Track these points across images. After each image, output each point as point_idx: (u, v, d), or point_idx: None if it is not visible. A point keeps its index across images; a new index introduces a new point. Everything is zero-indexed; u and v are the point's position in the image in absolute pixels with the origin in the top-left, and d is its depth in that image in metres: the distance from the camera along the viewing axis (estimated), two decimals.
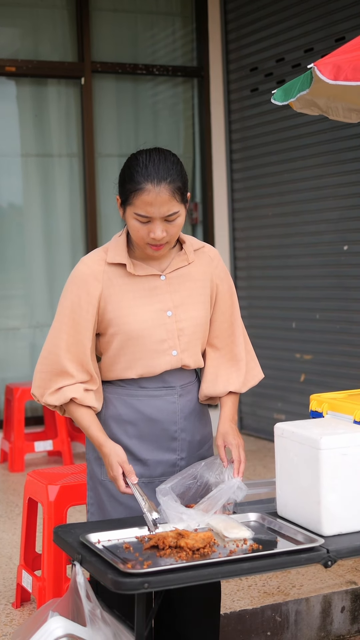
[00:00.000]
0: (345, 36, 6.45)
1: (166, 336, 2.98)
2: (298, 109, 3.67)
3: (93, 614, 2.62)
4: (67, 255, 7.56)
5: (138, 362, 2.97)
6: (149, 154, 2.88)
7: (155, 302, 2.97)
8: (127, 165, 2.90)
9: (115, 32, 7.68)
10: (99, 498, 3.06)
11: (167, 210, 2.84)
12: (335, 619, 4.11)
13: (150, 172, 2.82)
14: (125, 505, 3.01)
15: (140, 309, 2.95)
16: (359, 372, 6.50)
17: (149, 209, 2.82)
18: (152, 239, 2.87)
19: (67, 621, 2.61)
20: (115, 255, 2.96)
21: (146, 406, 3.01)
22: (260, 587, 4.15)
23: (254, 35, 7.50)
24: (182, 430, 3.08)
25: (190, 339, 3.03)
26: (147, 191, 2.81)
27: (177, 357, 3.01)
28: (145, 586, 2.41)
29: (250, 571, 2.56)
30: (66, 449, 6.78)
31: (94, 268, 2.95)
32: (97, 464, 3.05)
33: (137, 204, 2.83)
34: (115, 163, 7.67)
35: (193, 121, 7.99)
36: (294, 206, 7.10)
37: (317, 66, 2.97)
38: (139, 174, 2.83)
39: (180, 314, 3.00)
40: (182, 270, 3.03)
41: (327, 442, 2.72)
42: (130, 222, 2.88)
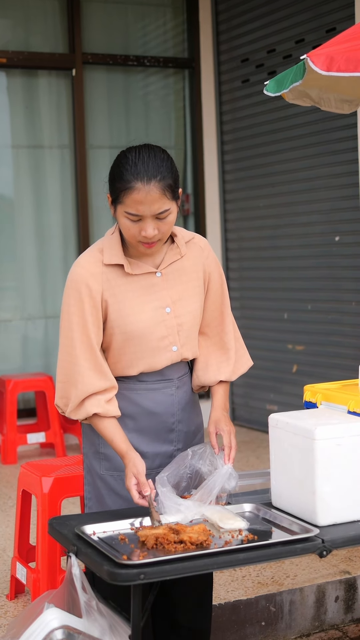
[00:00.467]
0: (336, 27, 6.44)
1: (166, 333, 2.98)
2: (290, 100, 3.67)
3: (89, 606, 2.62)
4: (59, 247, 7.55)
5: (140, 360, 2.98)
6: (138, 151, 2.84)
7: (154, 299, 2.97)
8: (116, 163, 2.87)
9: (106, 23, 7.66)
10: (97, 492, 3.06)
11: (158, 208, 2.81)
12: (329, 609, 4.13)
13: (140, 170, 2.78)
14: (125, 498, 3.01)
15: (139, 308, 2.94)
16: (351, 362, 6.51)
17: (139, 208, 2.80)
18: (144, 237, 2.85)
19: (62, 613, 2.62)
20: (111, 256, 2.94)
21: (145, 399, 3.02)
22: (255, 578, 4.16)
23: (245, 26, 7.49)
24: (179, 422, 3.09)
25: (189, 333, 3.05)
26: (137, 190, 2.78)
27: (177, 352, 3.02)
28: (141, 577, 2.42)
29: (246, 562, 2.56)
30: (59, 441, 6.77)
31: (92, 270, 2.92)
32: (95, 458, 3.05)
33: (128, 203, 2.80)
34: (107, 155, 7.66)
35: (184, 112, 7.98)
36: (285, 197, 7.10)
37: (310, 57, 2.97)
38: (128, 172, 2.79)
39: (179, 309, 3.00)
40: (176, 264, 3.03)
41: (322, 432, 2.73)
42: (122, 220, 2.86)
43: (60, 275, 7.53)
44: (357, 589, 4.18)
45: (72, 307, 2.92)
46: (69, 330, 2.92)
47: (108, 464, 3.03)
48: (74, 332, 2.91)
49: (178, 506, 2.83)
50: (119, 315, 2.92)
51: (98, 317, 2.92)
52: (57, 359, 3.01)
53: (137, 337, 2.94)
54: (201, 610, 3.23)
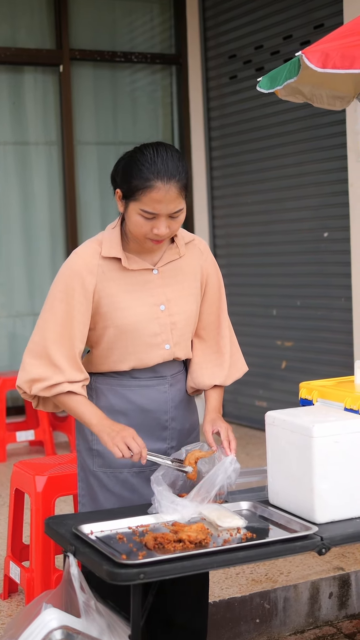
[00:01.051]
0: (324, 23, 6.44)
1: (159, 330, 2.97)
2: (283, 97, 3.66)
3: (87, 606, 2.61)
4: (47, 244, 7.52)
5: (131, 355, 2.96)
6: (155, 149, 2.83)
7: (149, 296, 2.96)
8: (131, 159, 2.84)
9: (94, 19, 7.63)
10: (90, 489, 3.05)
11: (174, 208, 2.82)
12: (323, 605, 4.13)
13: (160, 169, 2.78)
14: (117, 495, 3.00)
15: (134, 302, 2.93)
16: (340, 358, 6.52)
17: (156, 206, 2.80)
18: (156, 235, 2.85)
19: (61, 613, 2.60)
20: (110, 248, 2.93)
21: (138, 396, 3.01)
22: (248, 575, 4.16)
23: (232, 22, 7.48)
24: (173, 419, 3.08)
25: (183, 332, 3.04)
26: (157, 189, 2.78)
27: (169, 350, 3.01)
28: (141, 577, 2.41)
29: (245, 560, 2.56)
30: (48, 439, 6.75)
31: (88, 261, 2.91)
32: (88, 455, 3.04)
33: (145, 201, 2.80)
34: (94, 151, 7.63)
35: (171, 108, 7.97)
36: (274, 193, 7.09)
37: (305, 54, 2.96)
38: (148, 170, 2.78)
39: (173, 307, 3.00)
40: (174, 263, 3.03)
41: (320, 429, 2.73)
42: (134, 217, 2.84)
43: (48, 272, 7.50)
44: (350, 585, 4.19)
45: (61, 293, 2.90)
46: (52, 314, 2.89)
47: (101, 460, 3.02)
48: (56, 318, 2.88)
49: (175, 505, 2.82)
50: (112, 308, 2.91)
51: (87, 309, 2.90)
52: None
53: (130, 331, 2.93)
54: (198, 610, 3.22)
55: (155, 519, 2.80)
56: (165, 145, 2.87)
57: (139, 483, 3.01)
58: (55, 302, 2.90)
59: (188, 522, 2.78)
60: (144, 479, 3.00)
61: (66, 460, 4.03)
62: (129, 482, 3.01)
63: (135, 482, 3.01)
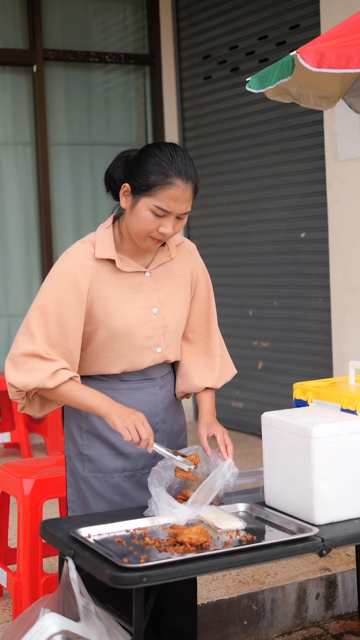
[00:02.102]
0: (300, 24, 6.45)
1: (152, 333, 2.95)
2: (271, 97, 3.65)
3: (87, 610, 2.58)
4: (21, 246, 7.46)
5: (123, 358, 2.93)
6: (174, 148, 2.82)
7: (141, 298, 2.93)
8: (148, 155, 2.81)
9: (67, 19, 7.58)
10: (81, 494, 3.01)
11: (185, 209, 2.82)
12: (310, 606, 4.12)
13: (180, 168, 2.77)
14: (108, 500, 2.98)
15: (126, 305, 2.90)
16: (317, 358, 6.53)
17: (171, 204, 2.78)
18: (161, 234, 2.82)
19: (61, 617, 2.57)
20: (103, 250, 2.89)
21: (128, 399, 2.97)
22: (235, 577, 4.14)
23: (206, 22, 7.47)
24: (163, 422, 3.07)
25: (174, 335, 3.02)
26: (176, 186, 2.77)
27: (161, 353, 2.99)
28: (144, 580, 2.38)
29: (247, 562, 2.54)
30: (24, 441, 6.69)
31: (82, 262, 2.86)
32: (78, 460, 3.00)
33: (161, 197, 2.77)
34: (67, 152, 7.59)
35: (145, 109, 7.94)
36: (249, 194, 7.09)
37: (299, 54, 2.94)
38: (169, 167, 2.77)
39: (165, 310, 2.97)
40: (165, 265, 3.01)
41: (319, 431, 2.72)
42: (143, 213, 2.80)
43: (23, 274, 7.45)
44: (337, 585, 4.19)
45: (54, 293, 2.83)
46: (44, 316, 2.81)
47: (92, 465, 2.99)
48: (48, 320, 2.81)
49: (172, 508, 2.79)
50: (105, 310, 2.87)
51: (81, 310, 2.85)
52: None
53: (122, 334, 2.90)
54: (188, 612, 3.21)
55: (153, 522, 2.78)
56: (179, 146, 2.86)
57: (130, 487, 2.98)
58: (49, 303, 2.83)
59: (186, 524, 2.76)
60: (135, 483, 2.99)
61: (52, 463, 3.99)
62: (120, 487, 2.98)
63: (126, 486, 2.98)
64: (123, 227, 2.91)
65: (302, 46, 3.05)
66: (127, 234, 2.90)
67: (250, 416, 7.05)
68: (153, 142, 2.87)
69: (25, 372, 2.80)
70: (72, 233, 7.59)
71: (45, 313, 2.83)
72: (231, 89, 7.20)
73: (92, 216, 7.67)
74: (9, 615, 3.87)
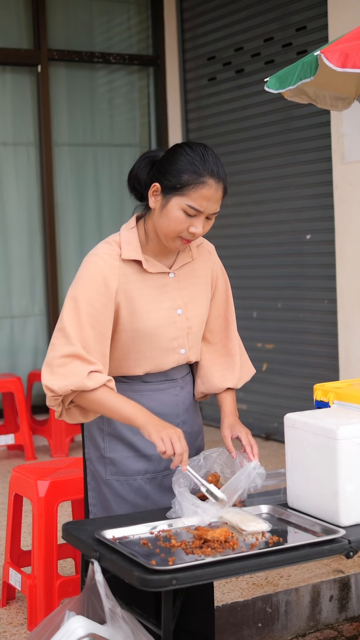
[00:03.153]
0: (307, 25, 6.44)
1: (176, 334, 2.93)
2: (289, 97, 3.64)
3: (113, 612, 2.56)
4: (24, 246, 7.44)
5: (147, 360, 2.91)
6: (204, 148, 2.79)
7: (166, 299, 2.91)
8: (181, 154, 2.78)
9: (72, 19, 7.57)
10: (103, 498, 2.98)
11: (216, 208, 2.79)
12: (324, 608, 4.11)
13: (213, 167, 2.75)
14: (131, 503, 2.96)
15: (152, 306, 2.88)
16: (322, 360, 6.52)
17: (203, 204, 2.75)
18: (191, 234, 2.80)
19: (87, 620, 2.55)
20: (129, 251, 2.85)
21: (150, 400, 2.95)
22: (249, 579, 4.13)
23: (211, 24, 7.46)
24: (184, 423, 3.05)
25: (197, 336, 3.02)
26: (209, 186, 2.74)
27: (184, 355, 2.98)
28: (174, 583, 2.36)
29: (276, 564, 2.52)
30: (28, 443, 6.67)
31: (110, 263, 2.83)
32: (100, 463, 2.97)
33: (194, 197, 2.74)
34: (71, 152, 7.57)
35: (149, 110, 7.93)
36: (254, 195, 7.08)
37: (324, 54, 2.94)
38: (203, 167, 2.74)
39: (189, 311, 2.96)
40: (188, 266, 2.99)
41: (344, 432, 2.70)
42: (175, 213, 2.77)
43: (26, 275, 7.43)
44: (350, 587, 4.17)
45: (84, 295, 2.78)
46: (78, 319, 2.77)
47: (114, 468, 2.97)
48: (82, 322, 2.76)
49: (196, 508, 2.77)
50: (131, 311, 2.85)
51: (111, 311, 2.82)
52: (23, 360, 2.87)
53: (147, 336, 2.87)
54: (205, 614, 3.19)
55: (177, 524, 2.76)
56: (209, 146, 2.84)
57: (152, 489, 2.96)
58: (78, 303, 2.79)
59: (209, 526, 2.74)
60: (157, 485, 2.97)
61: (66, 465, 3.97)
62: (142, 489, 2.96)
63: (148, 488, 2.96)
64: (149, 227, 2.88)
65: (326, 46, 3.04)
66: (153, 234, 2.87)
67: (254, 418, 7.03)
68: (182, 142, 2.84)
69: (62, 375, 2.75)
70: (76, 234, 7.57)
71: (78, 315, 2.79)
72: (236, 90, 7.19)
73: (96, 217, 7.65)
74: (23, 618, 3.85)
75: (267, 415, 7.00)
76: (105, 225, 7.69)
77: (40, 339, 7.49)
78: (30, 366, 7.42)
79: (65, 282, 7.53)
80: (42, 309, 7.48)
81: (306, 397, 6.64)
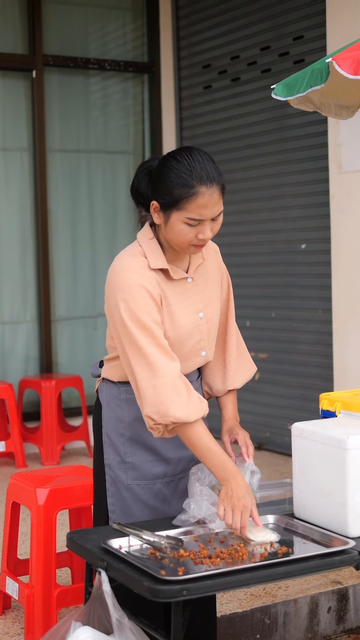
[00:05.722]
0: (304, 35, 6.43)
1: (199, 337, 2.94)
2: (295, 105, 3.62)
3: (120, 623, 2.52)
4: (16, 252, 7.38)
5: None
6: (189, 154, 2.76)
7: (190, 304, 2.91)
8: (167, 169, 2.75)
9: (67, 25, 7.54)
10: (123, 503, 2.95)
11: (217, 210, 2.76)
12: (322, 620, 4.08)
13: (201, 174, 2.71)
14: (151, 507, 2.96)
15: (182, 312, 2.88)
16: (316, 370, 6.50)
17: (202, 212, 2.72)
18: (201, 240, 2.77)
19: (94, 631, 2.52)
20: (156, 260, 2.82)
21: None
22: (247, 590, 4.09)
23: (207, 32, 7.44)
24: None
25: (214, 337, 3.03)
26: (202, 194, 2.70)
27: (204, 357, 2.99)
28: (184, 593, 2.34)
29: (286, 576, 2.50)
30: (19, 450, 6.62)
31: (143, 273, 2.79)
32: (120, 468, 2.95)
33: (191, 209, 2.71)
34: (65, 158, 7.53)
35: (143, 117, 7.90)
36: (248, 204, 7.06)
37: (335, 61, 2.92)
38: (190, 177, 2.70)
39: (208, 313, 2.97)
40: (201, 268, 3.00)
41: (354, 441, 2.68)
42: (178, 227, 2.74)
43: (18, 281, 7.37)
44: (349, 599, 4.15)
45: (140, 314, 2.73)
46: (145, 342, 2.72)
47: (135, 473, 2.96)
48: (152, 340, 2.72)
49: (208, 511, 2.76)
50: (169, 318, 2.85)
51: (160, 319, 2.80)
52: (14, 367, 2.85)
53: (179, 341, 2.88)
54: (208, 622, 3.17)
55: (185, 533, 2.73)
56: (196, 149, 2.81)
57: (170, 493, 2.98)
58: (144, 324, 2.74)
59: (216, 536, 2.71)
60: (173, 488, 2.99)
61: (64, 473, 3.92)
62: (161, 493, 2.97)
63: (166, 492, 2.98)
64: (162, 238, 2.87)
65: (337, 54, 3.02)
66: (167, 243, 2.87)
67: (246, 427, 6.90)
68: (169, 153, 2.82)
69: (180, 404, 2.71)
70: (68, 240, 7.53)
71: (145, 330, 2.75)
72: (232, 98, 7.18)
73: (89, 224, 7.62)
74: (19, 628, 3.80)
75: (259, 424, 6.97)
76: (98, 232, 7.66)
77: (31, 345, 7.44)
78: (22, 373, 7.36)
79: (57, 288, 7.48)
80: (34, 316, 7.43)
81: (299, 407, 6.62)
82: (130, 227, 7.81)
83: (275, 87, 3.46)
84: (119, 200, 7.74)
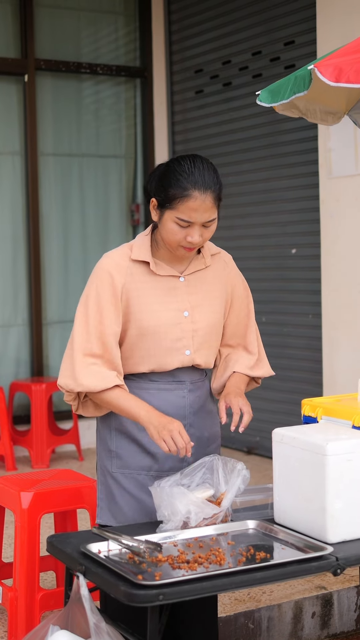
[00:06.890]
0: (295, 40, 6.45)
1: (181, 335, 3.03)
2: (280, 111, 3.64)
3: (98, 627, 2.53)
4: (8, 255, 7.39)
5: (151, 358, 3.02)
6: (192, 160, 2.95)
7: (173, 301, 3.03)
8: (168, 170, 2.95)
9: (59, 29, 7.55)
10: (109, 491, 3.08)
11: (208, 217, 2.92)
12: (306, 625, 4.09)
13: (197, 179, 2.89)
14: (136, 498, 3.04)
15: (158, 306, 3.01)
16: (305, 375, 6.51)
17: (192, 215, 2.89)
18: (189, 243, 2.94)
19: (72, 635, 2.53)
20: (139, 252, 3.02)
21: (156, 399, 3.04)
22: (231, 594, 4.10)
23: (199, 36, 7.46)
24: (191, 426, 3.10)
25: (204, 340, 3.08)
26: (194, 198, 2.88)
27: (189, 356, 3.06)
28: (160, 598, 2.34)
29: (263, 581, 2.51)
30: (8, 453, 6.62)
31: (118, 262, 3.00)
32: (107, 456, 3.09)
33: (181, 209, 2.89)
34: (57, 162, 7.54)
35: (135, 121, 7.91)
36: (239, 209, 7.07)
37: (317, 68, 2.94)
38: (186, 180, 2.89)
39: (196, 315, 3.06)
40: (200, 273, 3.11)
41: (333, 448, 2.69)
42: (169, 225, 2.93)
43: (10, 284, 7.38)
44: (333, 604, 4.15)
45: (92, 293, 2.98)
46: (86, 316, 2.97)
47: (119, 462, 3.07)
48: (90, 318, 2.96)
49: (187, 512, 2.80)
50: (137, 309, 2.99)
51: (117, 308, 2.98)
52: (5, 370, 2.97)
53: (151, 334, 3.00)
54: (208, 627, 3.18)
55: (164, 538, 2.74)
56: (200, 157, 3.00)
57: None
58: (89, 303, 2.97)
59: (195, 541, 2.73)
60: None
61: (50, 476, 3.93)
62: (147, 485, 3.02)
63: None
64: (158, 237, 3.05)
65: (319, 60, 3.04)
66: (162, 242, 3.03)
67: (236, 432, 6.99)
68: (177, 156, 3.04)
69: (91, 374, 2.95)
70: (60, 244, 7.54)
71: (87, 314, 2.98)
72: (223, 103, 7.19)
73: (81, 227, 7.63)
74: (3, 631, 3.81)
75: (249, 429, 6.91)
76: (89, 235, 7.66)
77: (22, 349, 7.44)
78: (12, 376, 7.37)
79: (48, 292, 7.49)
80: (25, 319, 7.44)
81: (289, 412, 6.62)
82: (122, 230, 7.82)
83: (259, 93, 3.47)
84: (111, 204, 7.75)
